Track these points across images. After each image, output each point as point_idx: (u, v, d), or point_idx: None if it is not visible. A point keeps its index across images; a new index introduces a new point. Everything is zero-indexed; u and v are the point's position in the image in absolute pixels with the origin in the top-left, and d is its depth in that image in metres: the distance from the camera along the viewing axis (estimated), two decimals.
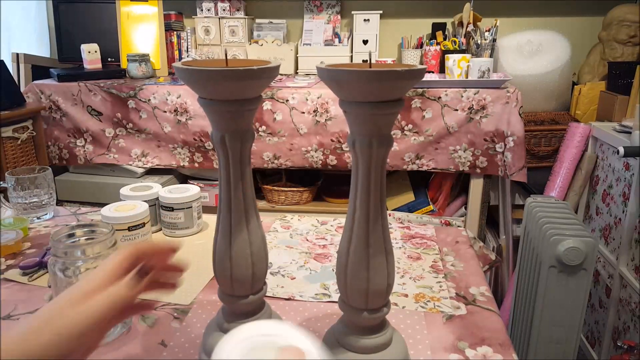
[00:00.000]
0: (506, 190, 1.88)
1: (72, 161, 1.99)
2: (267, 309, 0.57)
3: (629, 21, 1.88)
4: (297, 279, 0.78)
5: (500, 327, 0.66)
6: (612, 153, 1.55)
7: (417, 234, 0.96)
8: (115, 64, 2.18)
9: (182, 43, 2.27)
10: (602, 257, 1.58)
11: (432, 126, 1.75)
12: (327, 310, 0.70)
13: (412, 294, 0.74)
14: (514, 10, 2.19)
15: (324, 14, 2.27)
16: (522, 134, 1.69)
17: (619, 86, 1.76)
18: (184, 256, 0.86)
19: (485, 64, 1.74)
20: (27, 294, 0.73)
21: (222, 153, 0.50)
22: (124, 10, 2.11)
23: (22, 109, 1.77)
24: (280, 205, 1.98)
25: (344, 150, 1.81)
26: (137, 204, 0.86)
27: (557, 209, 1.28)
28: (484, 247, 0.99)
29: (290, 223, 1.02)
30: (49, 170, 1.01)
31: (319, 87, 1.81)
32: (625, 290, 1.45)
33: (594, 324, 1.63)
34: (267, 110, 1.80)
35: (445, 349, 0.61)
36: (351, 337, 0.51)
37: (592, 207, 1.69)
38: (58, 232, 0.61)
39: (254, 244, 0.53)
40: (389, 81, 0.42)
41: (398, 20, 2.28)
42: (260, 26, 2.28)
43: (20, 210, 0.98)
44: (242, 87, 0.46)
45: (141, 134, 1.91)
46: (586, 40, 2.11)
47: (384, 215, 0.49)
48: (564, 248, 1.11)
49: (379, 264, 0.49)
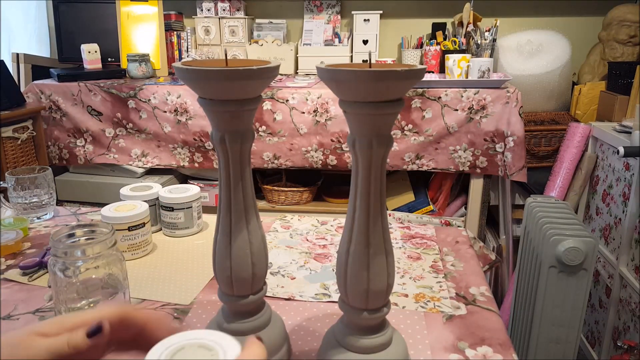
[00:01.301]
0: (506, 190, 1.88)
1: (72, 161, 1.99)
2: (267, 309, 0.57)
3: (629, 21, 1.88)
4: (297, 279, 0.78)
5: (500, 327, 0.66)
6: (612, 153, 1.55)
7: (417, 234, 0.96)
8: (115, 64, 2.18)
9: (182, 43, 2.27)
10: (602, 257, 1.58)
11: (432, 126, 1.75)
12: (327, 310, 0.70)
13: (412, 294, 0.74)
14: (514, 10, 2.19)
15: (324, 14, 2.27)
16: (522, 134, 1.69)
17: (619, 86, 1.76)
18: (184, 256, 0.87)
19: (485, 64, 1.74)
20: (27, 294, 0.73)
21: (222, 153, 0.50)
22: (124, 10, 2.11)
23: (22, 109, 1.77)
24: (280, 205, 1.98)
25: (344, 150, 1.81)
26: (137, 204, 0.86)
27: (557, 209, 1.28)
28: (484, 247, 0.99)
29: (290, 223, 1.02)
30: (49, 170, 1.01)
31: (319, 87, 1.81)
32: (625, 290, 1.45)
33: (594, 324, 1.63)
34: (267, 110, 1.80)
35: (445, 349, 0.61)
36: (351, 337, 0.51)
37: (592, 207, 1.69)
38: (58, 232, 0.61)
39: (254, 244, 0.53)
40: (389, 81, 0.42)
41: (398, 20, 2.28)
42: (260, 26, 2.28)
43: (20, 210, 0.98)
44: (242, 87, 0.46)
45: (141, 134, 1.91)
46: (586, 40, 2.11)
47: (384, 216, 0.49)
48: (564, 248, 1.11)
49: (379, 264, 0.49)
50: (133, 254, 0.84)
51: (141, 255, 0.85)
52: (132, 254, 0.84)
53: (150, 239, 0.88)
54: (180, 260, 0.85)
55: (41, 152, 1.86)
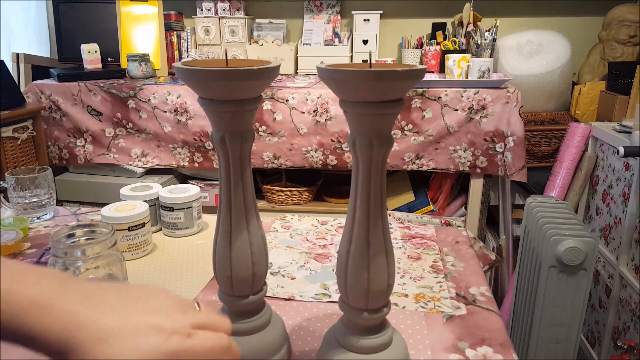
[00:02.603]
0: (506, 190, 1.88)
1: (72, 161, 1.99)
2: (267, 309, 0.57)
3: (629, 21, 1.88)
4: (297, 279, 0.78)
5: (500, 327, 0.66)
6: (612, 153, 1.55)
7: (417, 234, 0.96)
8: (115, 64, 2.18)
9: (182, 43, 2.27)
10: (602, 257, 1.58)
11: (432, 126, 1.75)
12: (327, 310, 0.70)
13: (412, 294, 0.74)
14: (514, 10, 2.19)
15: (324, 14, 2.27)
16: (522, 134, 1.69)
17: (619, 86, 1.76)
18: (184, 256, 0.87)
19: (485, 64, 1.74)
20: None
21: (222, 153, 0.50)
22: (124, 10, 2.11)
23: (22, 109, 1.77)
24: (280, 205, 1.98)
25: (344, 150, 1.81)
26: (137, 204, 0.86)
27: (557, 209, 1.28)
28: (484, 247, 0.99)
29: (290, 223, 1.02)
30: (49, 170, 1.01)
31: (319, 87, 1.81)
32: (625, 290, 1.45)
33: (594, 324, 1.63)
34: (267, 110, 1.80)
35: (445, 349, 0.61)
36: (351, 337, 0.51)
37: (592, 207, 1.69)
38: (58, 232, 0.61)
39: (254, 244, 0.53)
40: (389, 81, 0.42)
41: (398, 20, 2.28)
42: (260, 26, 2.28)
43: (20, 210, 0.98)
44: (242, 87, 0.46)
45: (141, 134, 1.91)
46: (586, 40, 2.11)
47: (384, 216, 0.49)
48: (564, 248, 1.11)
49: (379, 264, 0.49)
50: (133, 254, 0.84)
51: (141, 255, 0.85)
52: (132, 254, 0.84)
53: (150, 239, 0.88)
54: (180, 260, 0.85)
55: (41, 152, 1.86)
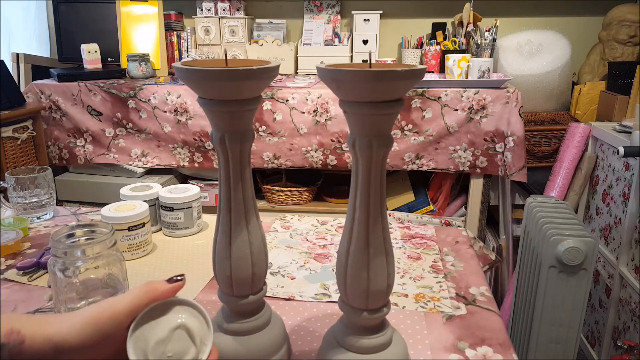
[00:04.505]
0: (506, 190, 1.88)
1: (72, 161, 1.99)
2: (267, 309, 0.57)
3: (629, 21, 1.88)
4: (297, 279, 0.78)
5: (500, 327, 0.66)
6: (612, 153, 1.55)
7: (417, 234, 0.96)
8: (115, 64, 2.18)
9: (182, 43, 2.27)
10: (602, 257, 1.58)
11: (432, 126, 1.75)
12: (327, 310, 0.70)
13: (412, 294, 0.74)
14: (514, 10, 2.19)
15: (324, 14, 2.27)
16: (522, 134, 1.69)
17: (619, 86, 1.76)
18: (184, 256, 0.87)
19: (485, 64, 1.74)
20: (27, 294, 0.73)
21: (222, 153, 0.50)
22: (124, 10, 2.11)
23: (22, 109, 1.77)
24: (280, 205, 1.98)
25: (344, 150, 1.81)
26: (137, 204, 0.86)
27: (557, 209, 1.28)
28: (484, 247, 0.99)
29: (290, 223, 1.02)
30: (49, 170, 1.01)
31: (319, 87, 1.81)
32: (625, 290, 1.45)
33: (594, 324, 1.63)
34: (267, 110, 1.80)
35: (445, 349, 0.61)
36: (351, 337, 0.51)
37: (592, 207, 1.69)
38: (58, 232, 0.61)
39: (254, 244, 0.53)
40: (389, 81, 0.42)
41: (398, 20, 2.28)
42: (260, 26, 2.28)
43: (20, 210, 0.98)
44: (242, 87, 0.46)
45: (141, 134, 1.91)
46: (586, 40, 2.11)
47: (384, 216, 0.49)
48: (564, 248, 1.11)
49: (379, 264, 0.49)
50: (133, 254, 0.84)
51: (141, 255, 0.85)
52: (132, 254, 0.84)
53: (150, 239, 0.88)
54: (180, 260, 0.85)
55: (41, 152, 1.86)
